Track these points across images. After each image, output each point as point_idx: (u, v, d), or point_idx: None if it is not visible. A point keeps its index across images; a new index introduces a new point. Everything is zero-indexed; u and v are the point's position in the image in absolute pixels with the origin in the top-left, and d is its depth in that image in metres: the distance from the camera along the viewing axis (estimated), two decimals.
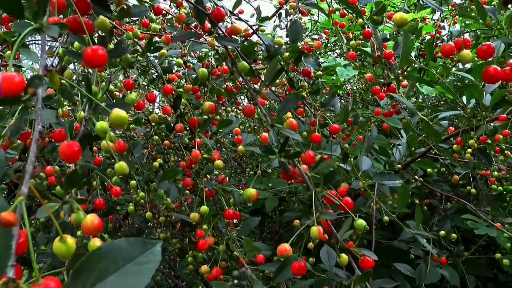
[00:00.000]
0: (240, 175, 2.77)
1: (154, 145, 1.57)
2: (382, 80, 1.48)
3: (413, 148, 1.76)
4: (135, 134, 1.79)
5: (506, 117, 1.53)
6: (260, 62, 1.45)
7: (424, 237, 1.64)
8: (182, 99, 1.22)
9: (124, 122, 0.57)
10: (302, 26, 1.26)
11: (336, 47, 2.68)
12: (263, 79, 1.00)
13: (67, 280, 0.44)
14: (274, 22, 1.78)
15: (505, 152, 1.65)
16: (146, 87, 1.42)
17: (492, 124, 1.63)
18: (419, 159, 1.79)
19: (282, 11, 1.85)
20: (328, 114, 1.76)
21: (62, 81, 0.88)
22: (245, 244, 1.00)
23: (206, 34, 0.88)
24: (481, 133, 1.57)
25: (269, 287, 1.03)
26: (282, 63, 1.10)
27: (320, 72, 1.66)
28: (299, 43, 1.51)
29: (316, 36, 2.39)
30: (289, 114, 1.01)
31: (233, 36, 0.90)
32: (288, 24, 1.10)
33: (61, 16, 0.74)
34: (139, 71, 1.23)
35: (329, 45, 2.55)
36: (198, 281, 1.54)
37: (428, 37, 2.35)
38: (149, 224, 2.03)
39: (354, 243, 1.06)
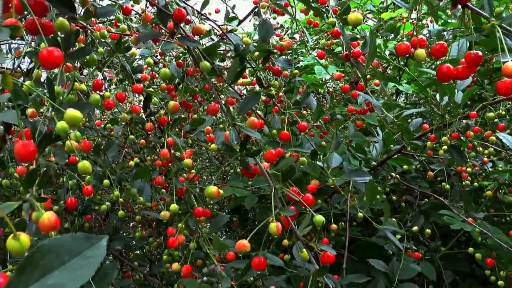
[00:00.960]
0: (224, 174, 2.78)
1: (131, 144, 1.58)
2: (360, 78, 1.51)
3: (390, 146, 1.78)
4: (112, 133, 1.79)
5: (477, 114, 1.57)
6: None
7: (398, 233, 1.68)
8: (155, 98, 1.23)
9: (77, 122, 0.59)
10: (273, 25, 1.28)
11: (318, 45, 2.71)
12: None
13: (12, 276, 0.46)
14: (250, 21, 1.80)
15: (478, 148, 1.68)
16: (126, 86, 1.43)
17: (464, 121, 1.66)
18: (395, 156, 1.82)
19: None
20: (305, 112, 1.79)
21: (27, 82, 0.89)
22: (213, 241, 1.02)
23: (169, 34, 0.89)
24: (453, 130, 1.61)
25: (240, 283, 1.05)
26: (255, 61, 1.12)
27: (296, 71, 1.68)
28: (278, 42, 1.54)
29: (297, 36, 2.41)
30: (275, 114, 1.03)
31: (195, 37, 0.92)
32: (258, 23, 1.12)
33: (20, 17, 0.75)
34: (116, 70, 1.24)
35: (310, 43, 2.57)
36: (176, 279, 1.55)
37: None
38: (132, 223, 2.04)
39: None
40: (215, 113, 0.95)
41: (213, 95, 0.91)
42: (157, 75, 1.17)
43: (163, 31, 0.92)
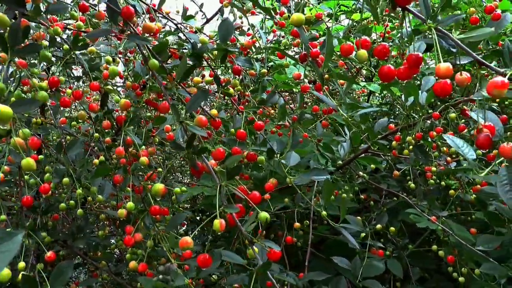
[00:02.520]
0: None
1: (96, 142, 1.56)
2: (321, 78, 1.51)
3: (357, 145, 1.80)
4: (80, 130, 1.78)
5: (439, 115, 1.59)
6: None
7: (364, 231, 1.70)
8: (117, 96, 1.22)
9: (8, 118, 0.58)
10: (236, 24, 1.28)
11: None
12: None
13: None
14: (218, 20, 1.79)
15: (442, 148, 1.71)
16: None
17: (428, 122, 1.69)
18: (363, 155, 1.83)
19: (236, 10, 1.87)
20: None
21: None
22: (169, 239, 1.02)
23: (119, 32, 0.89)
24: (417, 130, 1.63)
25: (207, 283, 1.05)
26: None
27: (264, 70, 1.69)
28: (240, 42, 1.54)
29: (271, 36, 2.41)
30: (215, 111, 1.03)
31: (145, 34, 0.91)
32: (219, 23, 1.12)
33: None
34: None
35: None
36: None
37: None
38: (104, 223, 2.02)
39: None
40: (165, 111, 0.95)
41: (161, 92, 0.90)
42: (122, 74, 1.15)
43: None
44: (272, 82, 1.90)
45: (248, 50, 1.28)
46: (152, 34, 0.98)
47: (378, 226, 1.63)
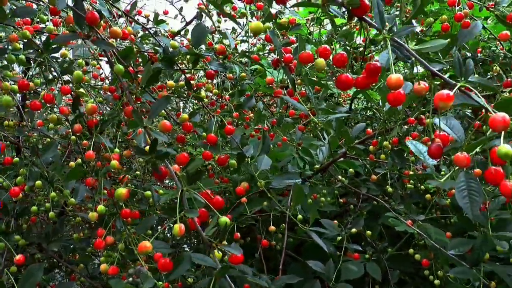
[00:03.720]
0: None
1: (73, 145, 1.56)
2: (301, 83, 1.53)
3: (335, 149, 1.82)
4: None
5: (415, 120, 1.61)
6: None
7: (341, 234, 1.71)
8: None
9: None
10: (211, 28, 1.29)
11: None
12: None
13: None
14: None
15: None
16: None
17: (406, 127, 1.71)
18: (341, 159, 1.85)
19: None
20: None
21: None
22: (140, 242, 1.02)
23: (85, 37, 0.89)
24: (393, 135, 1.65)
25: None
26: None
27: (243, 74, 1.70)
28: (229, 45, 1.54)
29: (251, 39, 2.42)
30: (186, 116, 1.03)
31: (112, 40, 0.92)
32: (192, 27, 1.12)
33: None
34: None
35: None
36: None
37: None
38: (82, 226, 2.02)
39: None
40: (129, 115, 0.95)
41: (127, 97, 0.91)
42: (86, 77, 1.15)
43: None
44: (253, 86, 1.92)
45: (229, 54, 1.29)
46: (120, 38, 0.98)
47: (353, 230, 1.64)
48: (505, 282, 1.53)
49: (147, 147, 1.08)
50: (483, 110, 0.67)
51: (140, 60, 1.45)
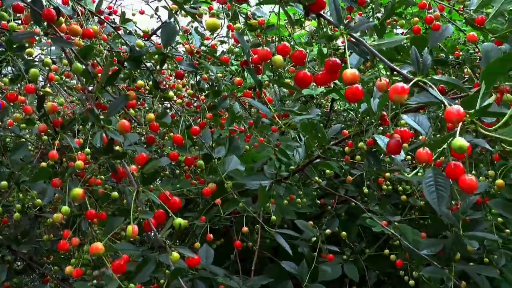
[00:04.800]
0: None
1: (46, 145, 1.53)
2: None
3: (311, 151, 1.80)
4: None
5: (389, 122, 1.60)
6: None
7: (315, 235, 1.70)
8: (61, 99, 1.20)
9: None
10: (177, 29, 1.26)
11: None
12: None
13: None
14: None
15: None
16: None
17: (381, 128, 1.70)
18: (318, 160, 1.83)
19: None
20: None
21: None
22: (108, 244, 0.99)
23: (44, 34, 0.87)
24: (368, 136, 1.64)
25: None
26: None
27: (220, 74, 1.68)
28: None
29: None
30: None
31: (71, 38, 0.89)
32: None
33: None
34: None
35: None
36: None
37: None
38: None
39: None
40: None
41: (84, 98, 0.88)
42: (54, 77, 1.12)
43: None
44: (230, 87, 1.90)
45: (196, 52, 1.27)
46: (84, 37, 0.95)
47: (328, 231, 1.63)
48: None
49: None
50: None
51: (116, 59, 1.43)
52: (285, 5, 0.70)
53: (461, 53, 1.86)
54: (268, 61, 0.76)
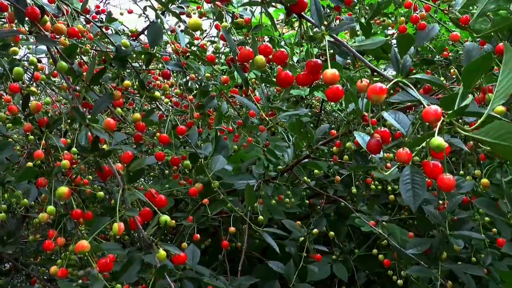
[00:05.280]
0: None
1: (33, 145, 1.53)
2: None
3: (300, 151, 1.82)
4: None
5: (376, 121, 1.63)
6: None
7: (303, 235, 1.72)
8: (48, 98, 1.20)
9: None
10: (170, 27, 1.28)
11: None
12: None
13: None
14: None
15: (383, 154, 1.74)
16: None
17: (369, 128, 1.72)
18: (307, 160, 1.85)
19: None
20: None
21: None
22: (90, 243, 1.00)
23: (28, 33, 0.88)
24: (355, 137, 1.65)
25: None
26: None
27: (208, 74, 1.69)
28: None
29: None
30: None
31: (56, 36, 0.90)
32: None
33: None
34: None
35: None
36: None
37: None
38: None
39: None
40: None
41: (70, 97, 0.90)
42: (40, 76, 1.13)
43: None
44: (219, 87, 1.91)
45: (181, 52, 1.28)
46: (69, 36, 0.96)
47: (315, 230, 1.65)
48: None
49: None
50: None
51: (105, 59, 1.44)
52: (268, 6, 0.72)
53: (450, 53, 1.89)
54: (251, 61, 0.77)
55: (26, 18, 0.84)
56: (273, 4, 0.83)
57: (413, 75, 0.81)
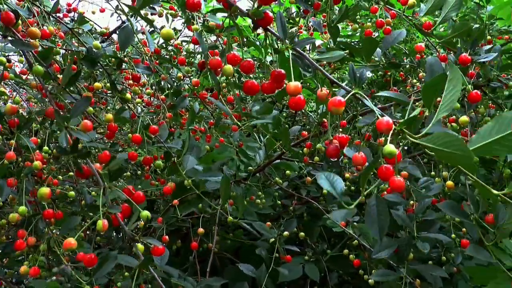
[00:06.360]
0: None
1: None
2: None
3: (271, 151, 1.91)
4: None
5: (346, 123, 1.73)
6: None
7: (274, 236, 1.81)
8: (17, 97, 1.25)
9: None
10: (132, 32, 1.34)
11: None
12: None
13: None
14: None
15: None
16: None
17: (340, 129, 1.82)
18: (279, 161, 1.94)
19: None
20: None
21: None
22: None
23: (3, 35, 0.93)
24: (326, 138, 1.76)
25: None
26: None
27: (180, 75, 1.76)
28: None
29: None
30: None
31: (30, 40, 0.96)
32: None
33: None
34: None
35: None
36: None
37: None
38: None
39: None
40: (51, 116, 1.00)
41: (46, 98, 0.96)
42: (8, 75, 1.18)
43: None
44: (192, 87, 1.98)
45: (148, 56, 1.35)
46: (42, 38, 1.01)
47: (285, 233, 1.74)
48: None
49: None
50: None
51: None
52: (235, 18, 0.80)
53: (424, 56, 2.02)
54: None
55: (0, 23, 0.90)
56: None
57: (377, 93, 0.90)
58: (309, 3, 1.43)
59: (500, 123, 0.67)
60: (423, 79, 1.75)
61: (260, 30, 0.88)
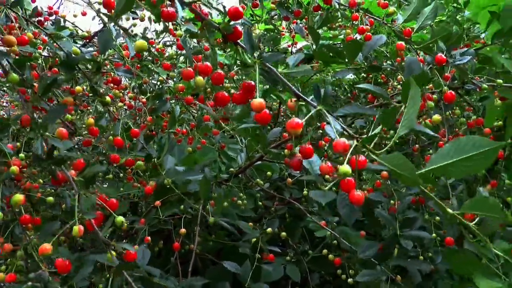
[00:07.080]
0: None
1: None
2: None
3: (253, 153, 1.96)
4: None
5: (325, 125, 1.78)
6: None
7: (256, 236, 1.86)
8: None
9: None
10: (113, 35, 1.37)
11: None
12: None
13: None
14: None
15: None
16: None
17: (320, 131, 1.87)
18: (259, 162, 1.99)
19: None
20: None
21: None
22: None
23: None
24: (307, 139, 1.80)
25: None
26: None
27: (161, 78, 1.80)
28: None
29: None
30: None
31: (7, 48, 0.99)
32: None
33: None
34: None
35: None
36: None
37: None
38: None
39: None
40: (27, 123, 1.03)
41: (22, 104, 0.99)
42: None
43: None
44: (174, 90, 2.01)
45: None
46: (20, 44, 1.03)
47: (269, 229, 1.79)
48: None
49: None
50: None
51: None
52: (210, 36, 0.84)
53: (405, 58, 2.07)
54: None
55: None
56: None
57: (358, 85, 0.95)
58: (290, 10, 1.48)
59: (456, 147, 0.72)
60: (401, 82, 1.81)
61: None
